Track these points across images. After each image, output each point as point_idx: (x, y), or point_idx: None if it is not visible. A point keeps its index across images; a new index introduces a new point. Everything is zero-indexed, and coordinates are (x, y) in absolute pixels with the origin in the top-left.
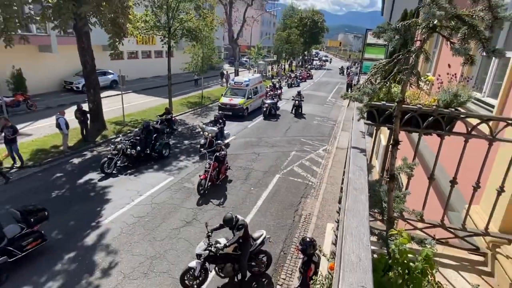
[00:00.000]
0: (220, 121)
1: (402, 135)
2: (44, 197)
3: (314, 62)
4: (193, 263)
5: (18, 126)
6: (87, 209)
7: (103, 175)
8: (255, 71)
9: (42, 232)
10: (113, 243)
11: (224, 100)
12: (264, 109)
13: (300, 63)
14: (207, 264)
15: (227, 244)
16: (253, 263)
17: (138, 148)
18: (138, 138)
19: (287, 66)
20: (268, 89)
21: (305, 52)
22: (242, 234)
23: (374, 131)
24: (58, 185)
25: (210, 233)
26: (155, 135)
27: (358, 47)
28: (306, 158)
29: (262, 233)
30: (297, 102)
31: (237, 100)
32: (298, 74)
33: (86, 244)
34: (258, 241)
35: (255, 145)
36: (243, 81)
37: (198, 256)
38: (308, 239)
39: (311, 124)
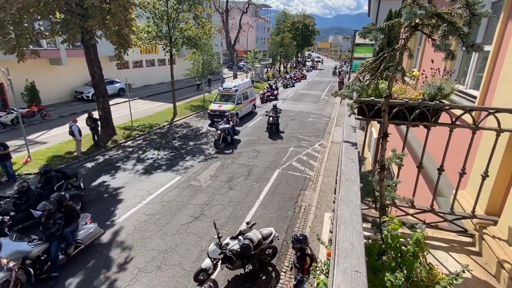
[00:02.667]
0: (63, 209)
1: (391, 128)
2: None
3: (307, 63)
4: (206, 265)
5: (34, 135)
6: (101, 210)
7: (115, 177)
8: (252, 74)
9: None
10: (127, 240)
11: (214, 106)
12: (216, 137)
13: (294, 65)
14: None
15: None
16: (260, 258)
17: (13, 213)
18: (18, 195)
19: (282, 68)
20: (265, 90)
21: (299, 54)
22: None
23: (366, 125)
24: None
25: (220, 235)
26: (59, 183)
27: (348, 47)
28: (304, 153)
29: (272, 232)
30: (271, 118)
31: (227, 106)
32: (292, 75)
33: (102, 242)
34: (267, 241)
35: (255, 142)
36: (232, 87)
37: (212, 259)
38: (299, 236)
39: (306, 121)
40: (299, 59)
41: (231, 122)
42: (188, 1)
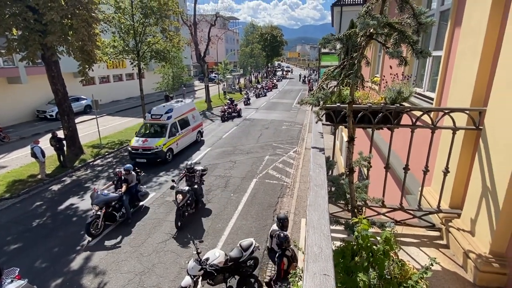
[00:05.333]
0: None
1: (360, 132)
2: (24, 227)
3: (278, 73)
4: (186, 283)
5: None
6: (70, 234)
7: (84, 198)
8: (224, 85)
9: None
10: (100, 264)
11: (136, 142)
12: (90, 218)
13: (265, 75)
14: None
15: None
16: (242, 270)
17: None
18: None
19: (253, 79)
20: (225, 107)
21: (269, 64)
22: None
23: (334, 130)
24: (39, 213)
25: (199, 250)
26: None
27: (315, 56)
28: (279, 161)
29: (252, 243)
30: (180, 197)
31: (154, 142)
32: (264, 84)
33: (73, 269)
34: (248, 252)
35: (231, 153)
36: (163, 113)
37: (192, 276)
38: (282, 235)
39: (280, 129)
40: (269, 69)
41: (123, 185)
42: (155, 15)
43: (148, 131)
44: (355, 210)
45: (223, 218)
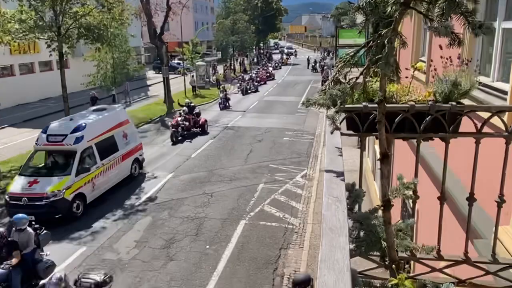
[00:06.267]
0: None
1: (400, 143)
2: None
3: (274, 57)
4: None
5: None
6: None
7: None
8: (193, 76)
9: None
10: None
11: (18, 185)
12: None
13: (255, 60)
14: None
15: None
16: None
17: None
18: None
19: (238, 66)
20: (178, 118)
21: (260, 44)
22: None
23: (361, 142)
24: None
25: None
26: None
27: (330, 31)
28: (280, 191)
29: None
30: None
31: (48, 184)
32: (254, 75)
33: None
34: None
35: (205, 181)
36: (69, 132)
37: None
38: None
39: (281, 142)
40: (262, 51)
41: (13, 255)
42: None
43: (41, 165)
44: (396, 265)
45: (194, 284)
